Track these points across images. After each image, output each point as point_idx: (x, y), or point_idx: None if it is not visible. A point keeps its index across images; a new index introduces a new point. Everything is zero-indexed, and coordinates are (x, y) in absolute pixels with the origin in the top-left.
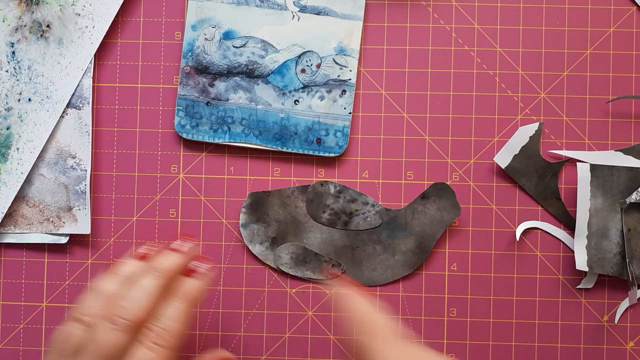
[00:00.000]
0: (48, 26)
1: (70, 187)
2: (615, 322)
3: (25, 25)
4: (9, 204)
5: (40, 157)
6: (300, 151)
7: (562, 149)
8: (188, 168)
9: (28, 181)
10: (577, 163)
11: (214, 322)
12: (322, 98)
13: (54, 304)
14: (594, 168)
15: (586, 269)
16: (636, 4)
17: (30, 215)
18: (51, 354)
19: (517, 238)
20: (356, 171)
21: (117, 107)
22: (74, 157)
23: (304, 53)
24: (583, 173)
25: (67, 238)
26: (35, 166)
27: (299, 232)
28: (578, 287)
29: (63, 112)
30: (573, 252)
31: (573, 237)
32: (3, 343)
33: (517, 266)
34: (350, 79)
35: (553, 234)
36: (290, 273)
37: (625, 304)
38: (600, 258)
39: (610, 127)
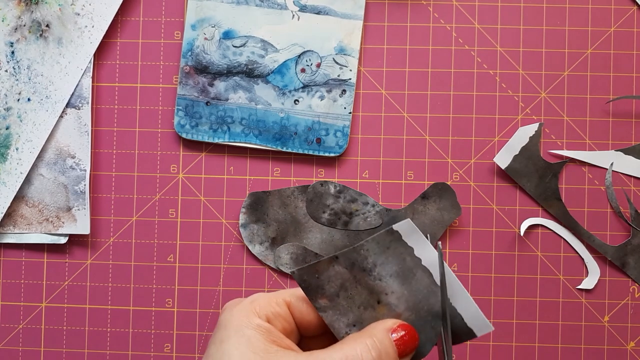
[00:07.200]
0: (47, 26)
1: (69, 187)
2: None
3: (24, 25)
4: (8, 204)
5: (39, 157)
6: (300, 151)
7: (562, 149)
8: (187, 168)
9: (27, 181)
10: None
11: (213, 323)
12: (322, 98)
13: (53, 304)
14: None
15: None
16: (636, 3)
17: (29, 216)
18: None
19: (522, 233)
20: (356, 171)
21: (116, 107)
22: (73, 157)
23: (304, 53)
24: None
25: (67, 238)
26: (34, 166)
27: (299, 232)
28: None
29: (62, 112)
30: (574, 252)
31: (575, 237)
32: (2, 343)
33: (518, 266)
34: (350, 79)
35: (557, 231)
36: (290, 273)
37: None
38: None
39: (611, 127)
